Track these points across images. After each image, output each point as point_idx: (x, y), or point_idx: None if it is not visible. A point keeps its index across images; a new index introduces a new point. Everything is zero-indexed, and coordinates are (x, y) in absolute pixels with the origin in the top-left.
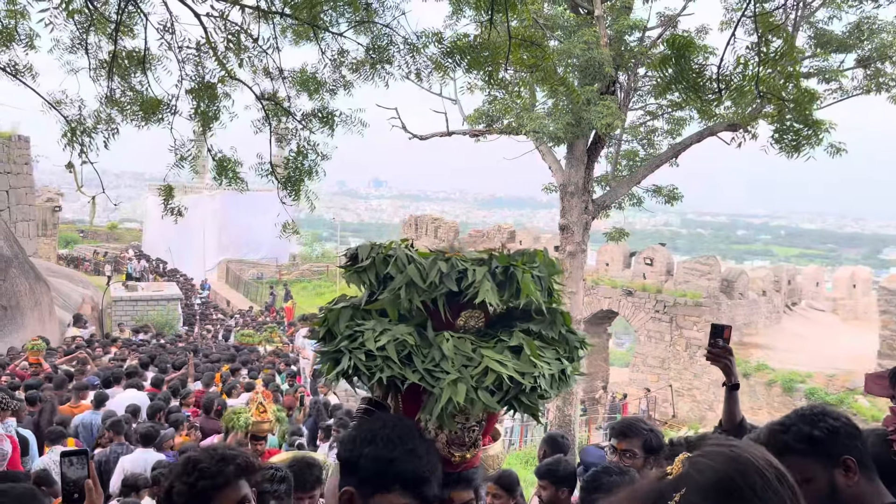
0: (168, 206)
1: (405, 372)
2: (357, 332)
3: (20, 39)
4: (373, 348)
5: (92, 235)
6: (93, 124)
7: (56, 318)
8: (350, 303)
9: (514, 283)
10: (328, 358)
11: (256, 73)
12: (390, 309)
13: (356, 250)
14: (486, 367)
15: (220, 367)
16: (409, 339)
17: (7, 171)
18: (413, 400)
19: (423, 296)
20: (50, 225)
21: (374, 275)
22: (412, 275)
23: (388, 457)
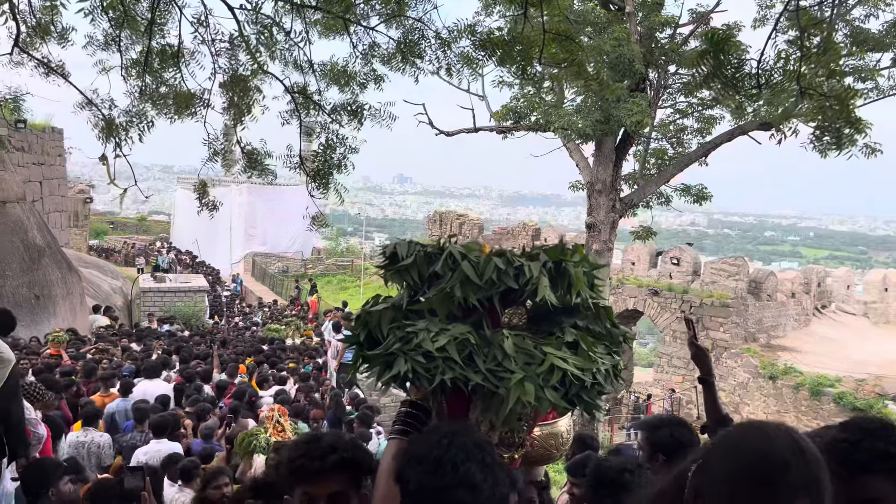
0: (203, 202)
1: (468, 373)
2: (410, 333)
3: (55, 35)
4: (432, 349)
5: (121, 227)
6: (128, 119)
7: (87, 307)
8: (390, 303)
9: (566, 278)
10: (378, 362)
11: (287, 66)
12: (441, 308)
13: (395, 248)
14: (552, 365)
15: (244, 359)
16: (469, 338)
17: (41, 163)
18: (459, 402)
19: (479, 293)
20: (81, 216)
21: (416, 273)
22: (468, 272)
23: (435, 485)
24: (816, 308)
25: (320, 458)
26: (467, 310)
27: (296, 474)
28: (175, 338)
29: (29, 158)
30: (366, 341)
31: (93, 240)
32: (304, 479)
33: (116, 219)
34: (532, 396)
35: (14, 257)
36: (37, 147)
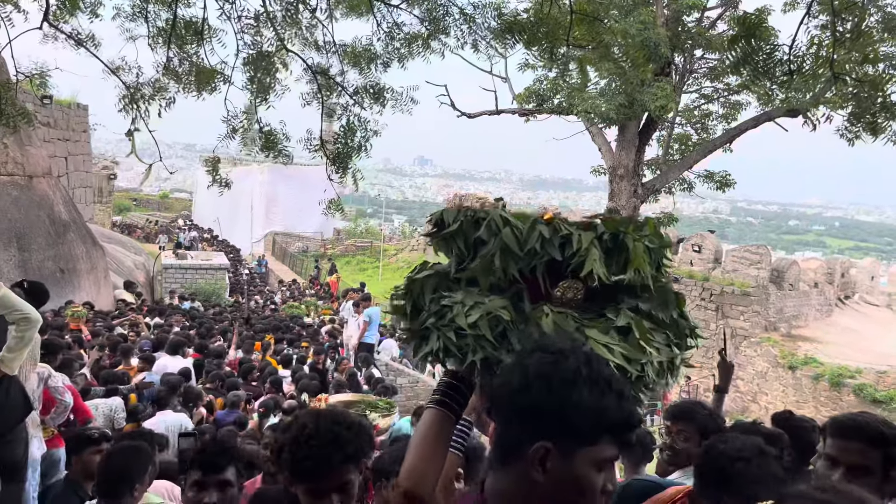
0: (214, 178)
1: (500, 353)
2: (445, 307)
3: (85, 8)
4: (464, 325)
5: (144, 204)
6: (150, 93)
7: (111, 282)
8: (435, 270)
9: (623, 252)
10: (416, 335)
11: (308, 46)
12: (482, 278)
13: (441, 214)
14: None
15: (262, 336)
16: (503, 314)
17: (66, 139)
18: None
19: (519, 264)
20: (105, 192)
21: (462, 241)
22: (507, 240)
23: (599, 404)
24: (839, 298)
25: (326, 460)
26: (516, 278)
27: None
28: (196, 314)
29: (55, 134)
30: (411, 311)
31: (116, 216)
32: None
33: (139, 195)
34: None
35: (40, 231)
36: (62, 123)
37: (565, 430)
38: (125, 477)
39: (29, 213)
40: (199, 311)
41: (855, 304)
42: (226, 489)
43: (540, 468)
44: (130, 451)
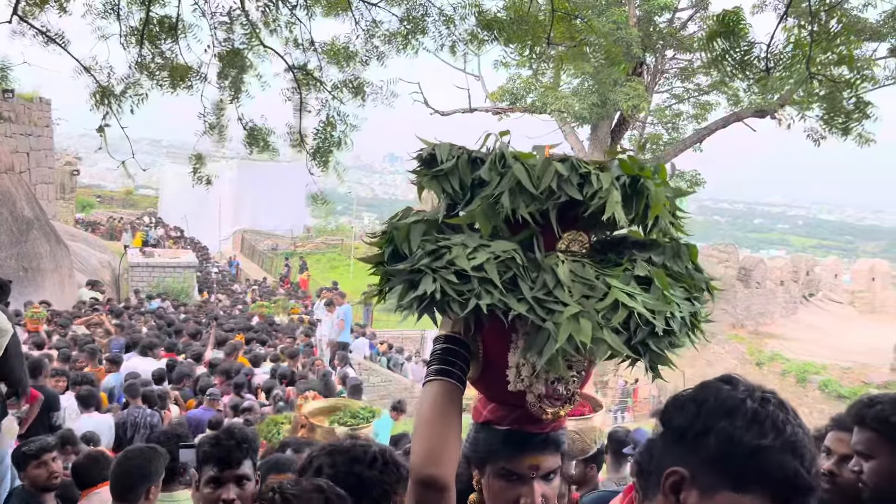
0: (198, 175)
1: (509, 300)
2: (442, 247)
3: (52, 3)
4: (466, 267)
5: (108, 200)
6: (122, 89)
7: (75, 281)
8: (423, 216)
9: (642, 198)
10: (402, 279)
11: (287, 43)
12: (484, 221)
13: (433, 150)
14: (616, 300)
15: (233, 336)
16: (515, 257)
17: (28, 133)
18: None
19: (532, 205)
20: (68, 189)
21: (457, 180)
22: (520, 176)
23: (755, 444)
24: (804, 296)
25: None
26: (515, 227)
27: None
28: (164, 314)
29: (16, 129)
30: (390, 259)
31: (79, 213)
32: None
33: (103, 192)
34: (588, 336)
35: (2, 229)
36: (24, 117)
37: (703, 462)
38: (139, 479)
39: None
40: (167, 311)
41: (819, 302)
42: (244, 484)
43: (672, 497)
44: (145, 454)
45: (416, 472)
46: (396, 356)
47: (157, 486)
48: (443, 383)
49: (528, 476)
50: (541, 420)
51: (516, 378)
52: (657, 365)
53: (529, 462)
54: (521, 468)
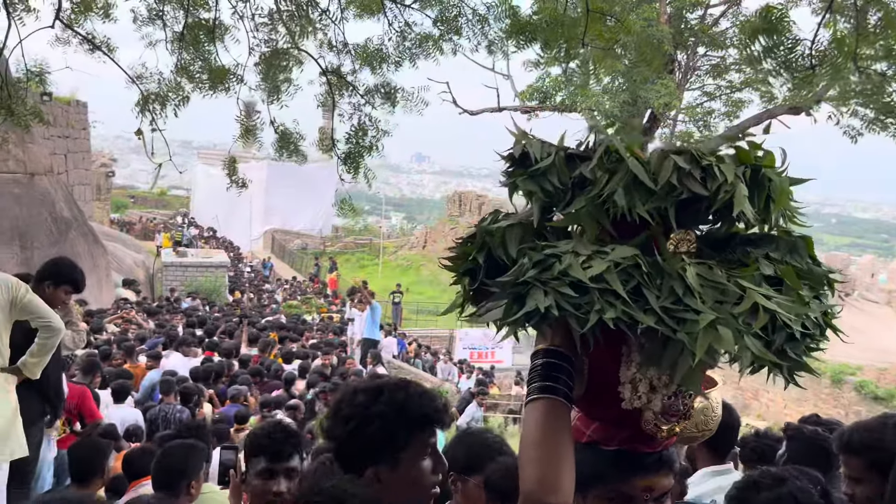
0: (233, 178)
1: (635, 312)
2: (551, 256)
3: (97, 10)
4: (584, 278)
5: (141, 201)
6: (164, 93)
7: (112, 281)
8: (517, 219)
9: (764, 191)
10: (507, 293)
11: (321, 46)
12: (590, 223)
13: (524, 148)
14: (755, 304)
15: (267, 334)
16: (639, 264)
17: (66, 136)
18: (605, 351)
19: (649, 203)
20: (104, 189)
21: (556, 179)
22: (636, 171)
23: None
24: (839, 296)
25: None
26: (624, 229)
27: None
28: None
29: (54, 132)
30: (484, 268)
31: (114, 213)
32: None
33: (136, 192)
34: (731, 345)
35: (42, 229)
36: (62, 120)
37: None
38: (179, 474)
39: (31, 210)
40: (201, 310)
41: (854, 302)
42: (293, 477)
43: None
44: (187, 448)
45: (530, 500)
46: (428, 357)
47: (199, 480)
48: (548, 401)
49: (641, 499)
50: (654, 438)
51: (632, 395)
52: (795, 372)
53: (643, 484)
54: (634, 491)
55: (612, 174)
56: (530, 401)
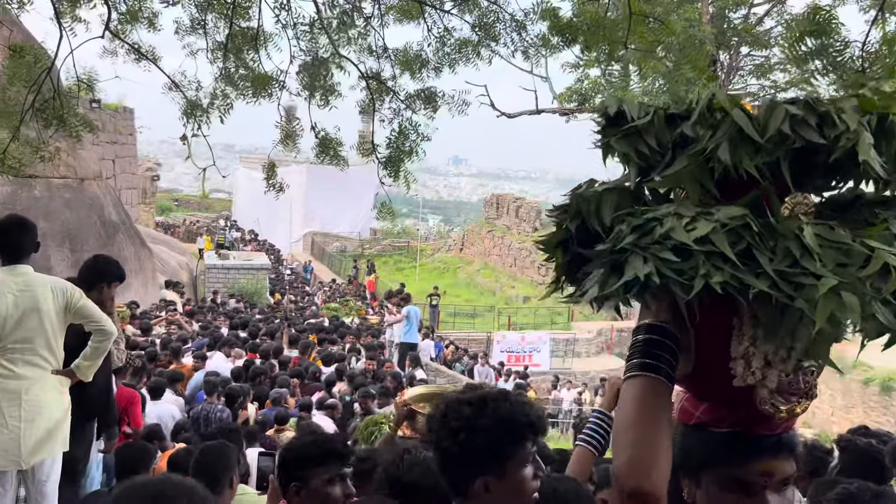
0: (271, 183)
1: (745, 276)
2: (651, 220)
3: (143, 20)
4: (687, 241)
5: (185, 204)
6: (209, 101)
7: (157, 282)
8: (612, 185)
9: (893, 140)
10: (602, 262)
11: (362, 52)
12: (692, 184)
13: (619, 107)
14: (886, 265)
15: (307, 336)
16: (750, 224)
17: (113, 141)
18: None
19: (758, 157)
20: (149, 193)
21: (654, 140)
22: (741, 122)
23: None
24: None
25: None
26: (731, 191)
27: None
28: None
29: (103, 137)
30: (577, 237)
31: (158, 216)
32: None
33: (180, 196)
34: (857, 312)
35: (91, 232)
36: (110, 126)
37: None
38: (222, 470)
39: (80, 214)
40: (244, 311)
41: None
42: (347, 483)
43: None
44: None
45: (623, 484)
46: (469, 361)
47: (237, 474)
48: (648, 380)
49: (759, 485)
50: (771, 419)
51: (745, 371)
52: None
53: (762, 469)
54: (751, 476)
55: (716, 129)
56: (629, 377)
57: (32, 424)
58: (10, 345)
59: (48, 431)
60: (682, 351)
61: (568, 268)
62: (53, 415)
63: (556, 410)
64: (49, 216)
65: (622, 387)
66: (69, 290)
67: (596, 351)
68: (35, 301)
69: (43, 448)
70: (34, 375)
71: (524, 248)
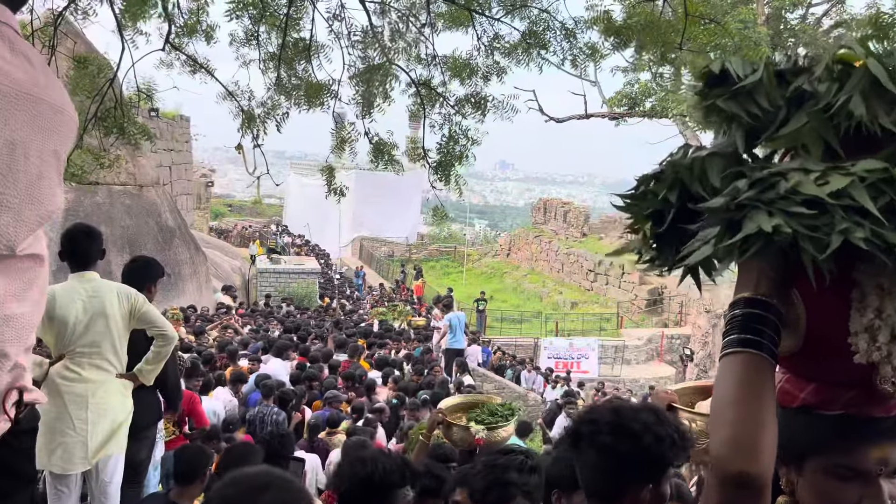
0: (331, 187)
1: (888, 234)
2: (775, 175)
3: (200, 33)
4: (821, 194)
5: (237, 209)
6: (265, 111)
7: (212, 286)
8: (715, 149)
9: None
10: (717, 219)
11: (411, 59)
12: (814, 141)
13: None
14: None
15: (355, 340)
16: (891, 177)
17: (170, 149)
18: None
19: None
20: (203, 199)
21: (764, 99)
22: (876, 72)
23: None
24: None
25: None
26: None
27: None
28: (291, 318)
29: (160, 145)
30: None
31: (212, 221)
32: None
33: (233, 201)
34: None
35: (149, 237)
36: (167, 134)
37: None
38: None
39: (139, 220)
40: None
41: None
42: None
43: None
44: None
45: (723, 468)
46: (518, 367)
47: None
48: (750, 356)
49: (872, 472)
50: (889, 399)
51: (870, 346)
52: None
53: (876, 455)
54: (864, 463)
55: (842, 83)
56: (726, 354)
57: (98, 427)
58: (78, 349)
59: (112, 433)
60: (785, 327)
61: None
62: (118, 418)
63: None
64: (110, 222)
65: (719, 365)
66: (133, 296)
67: (646, 358)
68: (103, 306)
69: (106, 448)
70: (100, 379)
71: (572, 253)
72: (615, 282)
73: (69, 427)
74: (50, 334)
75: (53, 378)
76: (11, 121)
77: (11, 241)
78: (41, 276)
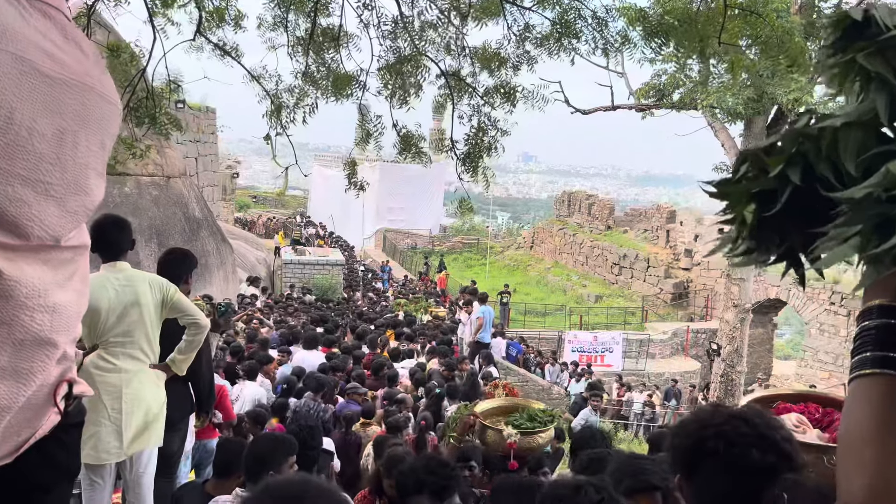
0: (352, 181)
1: None
2: None
3: (230, 20)
4: None
5: (262, 201)
6: (294, 102)
7: (238, 277)
8: (854, 116)
9: None
10: (860, 216)
11: (440, 50)
12: None
13: (867, 12)
14: None
15: (383, 331)
16: None
17: (197, 140)
18: None
19: None
20: (229, 190)
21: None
22: None
23: None
24: None
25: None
26: None
27: None
28: (319, 309)
29: (187, 136)
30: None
31: (237, 213)
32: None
33: (258, 192)
34: None
35: (176, 228)
36: (193, 126)
37: None
38: (266, 462)
39: (167, 211)
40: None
41: None
42: None
43: None
44: (274, 440)
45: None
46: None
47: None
48: (890, 380)
49: None
50: None
51: None
52: None
53: None
54: None
55: None
56: (858, 377)
57: (132, 417)
58: (111, 338)
59: (146, 424)
60: None
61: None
62: (152, 409)
63: (627, 412)
64: (138, 212)
65: (850, 389)
66: (165, 286)
67: (671, 352)
68: (135, 295)
69: (141, 439)
70: (134, 368)
71: (596, 245)
72: (640, 275)
73: (104, 417)
74: (83, 325)
75: (88, 368)
76: (62, 109)
77: (57, 233)
78: (83, 266)
